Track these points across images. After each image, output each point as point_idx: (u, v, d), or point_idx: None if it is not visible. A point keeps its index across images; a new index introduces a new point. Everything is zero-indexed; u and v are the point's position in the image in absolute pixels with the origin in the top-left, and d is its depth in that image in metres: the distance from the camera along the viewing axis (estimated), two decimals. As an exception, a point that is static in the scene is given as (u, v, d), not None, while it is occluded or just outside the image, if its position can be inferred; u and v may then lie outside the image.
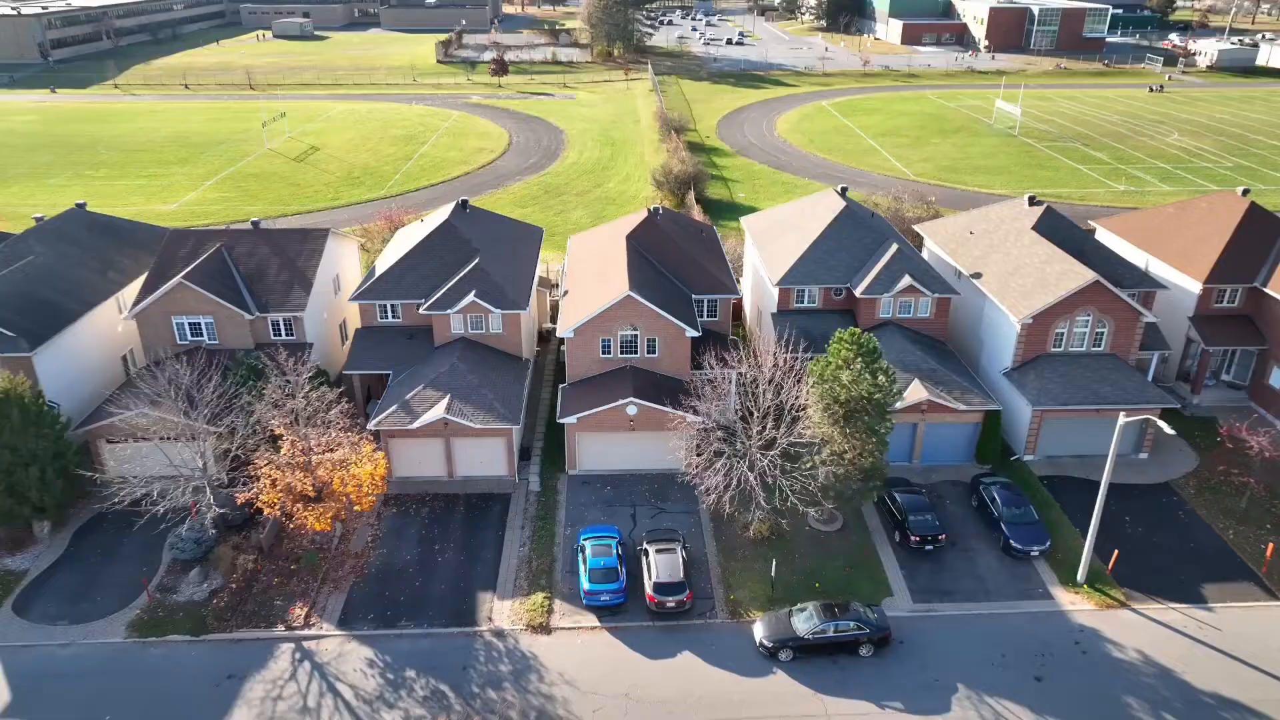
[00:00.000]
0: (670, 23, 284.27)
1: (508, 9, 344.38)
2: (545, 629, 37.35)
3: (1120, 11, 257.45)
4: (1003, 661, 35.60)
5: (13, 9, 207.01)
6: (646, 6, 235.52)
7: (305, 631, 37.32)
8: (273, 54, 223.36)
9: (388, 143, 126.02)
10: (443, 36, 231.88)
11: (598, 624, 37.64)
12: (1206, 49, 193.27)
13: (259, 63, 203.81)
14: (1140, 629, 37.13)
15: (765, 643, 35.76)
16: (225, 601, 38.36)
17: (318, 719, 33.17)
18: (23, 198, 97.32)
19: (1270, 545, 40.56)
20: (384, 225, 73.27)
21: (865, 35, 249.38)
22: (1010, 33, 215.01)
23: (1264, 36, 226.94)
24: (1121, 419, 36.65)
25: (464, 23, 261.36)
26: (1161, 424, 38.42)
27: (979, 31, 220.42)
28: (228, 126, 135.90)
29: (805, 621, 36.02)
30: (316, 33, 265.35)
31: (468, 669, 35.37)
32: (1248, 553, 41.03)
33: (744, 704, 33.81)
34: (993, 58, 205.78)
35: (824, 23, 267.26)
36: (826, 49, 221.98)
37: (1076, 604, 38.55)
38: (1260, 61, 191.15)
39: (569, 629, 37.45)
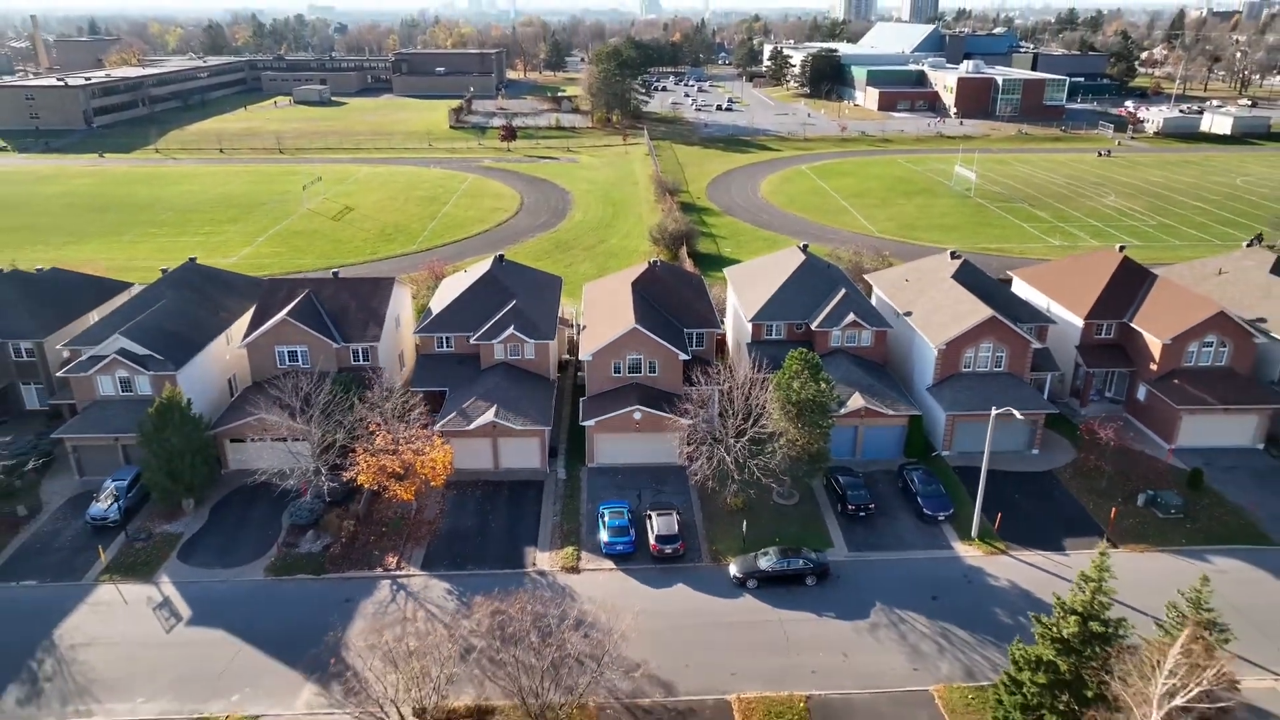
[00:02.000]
0: (664, 89, 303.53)
1: (511, 74, 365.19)
2: (575, 570, 50.52)
3: (1082, 80, 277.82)
4: (910, 589, 48.81)
5: (59, 80, 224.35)
6: (643, 75, 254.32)
7: (398, 572, 50.43)
8: (296, 119, 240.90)
9: (413, 203, 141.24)
10: (454, 103, 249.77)
11: (614, 567, 50.81)
12: (1154, 116, 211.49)
13: (285, 128, 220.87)
14: (1013, 567, 50.47)
15: (737, 575, 48.99)
16: (336, 552, 51.48)
17: (414, 625, 46.08)
18: (102, 252, 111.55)
19: (1114, 510, 54.11)
20: (427, 275, 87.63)
21: (845, 101, 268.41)
22: (977, 100, 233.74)
23: (1212, 104, 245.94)
24: (993, 413, 50.57)
25: (472, 90, 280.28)
26: (1015, 412, 51.74)
27: (949, 99, 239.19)
28: (267, 188, 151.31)
29: (767, 560, 49.27)
30: (334, 98, 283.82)
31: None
32: (1100, 517, 54.51)
33: (721, 615, 46.94)
34: (961, 124, 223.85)
35: (807, 89, 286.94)
36: (809, 115, 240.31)
37: (969, 552, 51.93)
38: (1204, 128, 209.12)
39: (593, 570, 50.62)
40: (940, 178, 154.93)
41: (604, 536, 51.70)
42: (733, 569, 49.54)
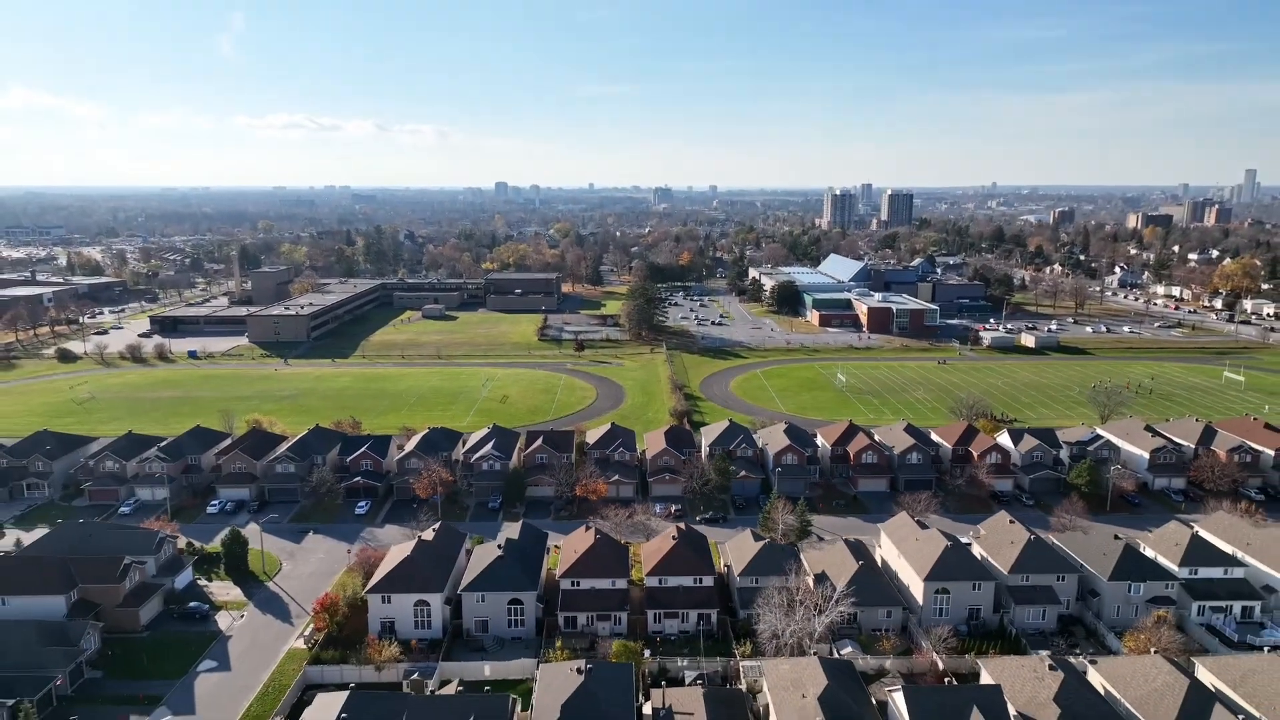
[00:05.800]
0: (675, 304, 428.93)
1: (566, 288, 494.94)
2: (648, 514, 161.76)
3: (966, 301, 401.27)
4: (751, 520, 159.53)
5: (289, 310, 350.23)
6: (659, 301, 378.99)
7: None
8: (431, 331, 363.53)
9: (537, 393, 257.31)
10: (533, 317, 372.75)
11: (659, 513, 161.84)
12: (987, 335, 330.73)
13: (432, 339, 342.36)
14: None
15: (700, 519, 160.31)
16: (567, 516, 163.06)
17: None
18: (398, 422, 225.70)
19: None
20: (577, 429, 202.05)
21: (800, 317, 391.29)
22: (881, 322, 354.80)
23: (1051, 324, 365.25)
24: (778, 468, 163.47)
25: (544, 307, 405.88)
26: (786, 463, 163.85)
27: (864, 320, 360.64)
28: (454, 384, 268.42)
29: (710, 515, 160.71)
30: (447, 313, 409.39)
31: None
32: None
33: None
34: (870, 338, 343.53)
35: (775, 306, 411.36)
36: (772, 329, 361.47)
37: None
38: (1021, 342, 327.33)
39: (654, 515, 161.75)
40: (830, 377, 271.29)
41: (656, 507, 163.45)
42: (698, 518, 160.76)
